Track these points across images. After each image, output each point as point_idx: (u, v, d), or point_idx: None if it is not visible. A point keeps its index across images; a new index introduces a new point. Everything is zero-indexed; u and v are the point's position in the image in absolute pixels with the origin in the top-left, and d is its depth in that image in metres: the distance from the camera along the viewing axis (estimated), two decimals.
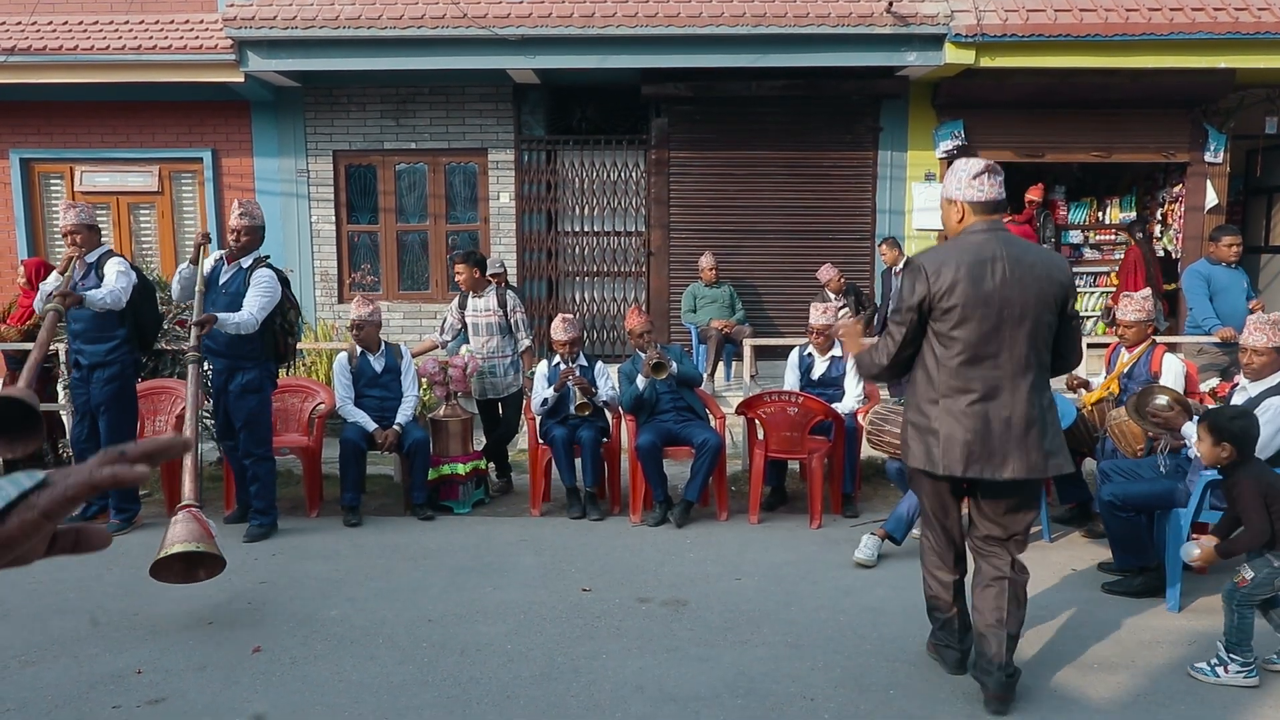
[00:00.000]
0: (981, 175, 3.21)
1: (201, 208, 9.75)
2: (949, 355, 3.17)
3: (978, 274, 3.11)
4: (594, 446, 5.68)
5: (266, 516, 5.38)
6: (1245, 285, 6.65)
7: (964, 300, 3.10)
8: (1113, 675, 3.53)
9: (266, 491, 5.39)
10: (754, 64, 8.39)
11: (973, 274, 3.11)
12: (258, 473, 5.35)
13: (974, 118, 9.12)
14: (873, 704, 3.31)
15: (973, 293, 3.10)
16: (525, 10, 8.25)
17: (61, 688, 3.46)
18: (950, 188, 3.28)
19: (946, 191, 3.31)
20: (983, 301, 3.10)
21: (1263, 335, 4.11)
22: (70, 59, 8.59)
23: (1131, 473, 4.53)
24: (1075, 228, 10.00)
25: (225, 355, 5.23)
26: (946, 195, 3.30)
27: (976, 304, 3.10)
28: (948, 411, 3.18)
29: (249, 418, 5.27)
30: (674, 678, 3.51)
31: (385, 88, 9.41)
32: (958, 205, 3.26)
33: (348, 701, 3.33)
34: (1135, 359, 5.16)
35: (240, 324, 5.02)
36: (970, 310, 3.10)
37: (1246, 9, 8.11)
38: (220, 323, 4.93)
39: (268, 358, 5.31)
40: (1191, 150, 9.16)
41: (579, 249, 9.75)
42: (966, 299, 3.10)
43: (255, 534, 5.30)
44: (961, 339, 3.14)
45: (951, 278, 3.11)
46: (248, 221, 5.23)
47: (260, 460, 5.35)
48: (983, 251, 3.13)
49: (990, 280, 3.11)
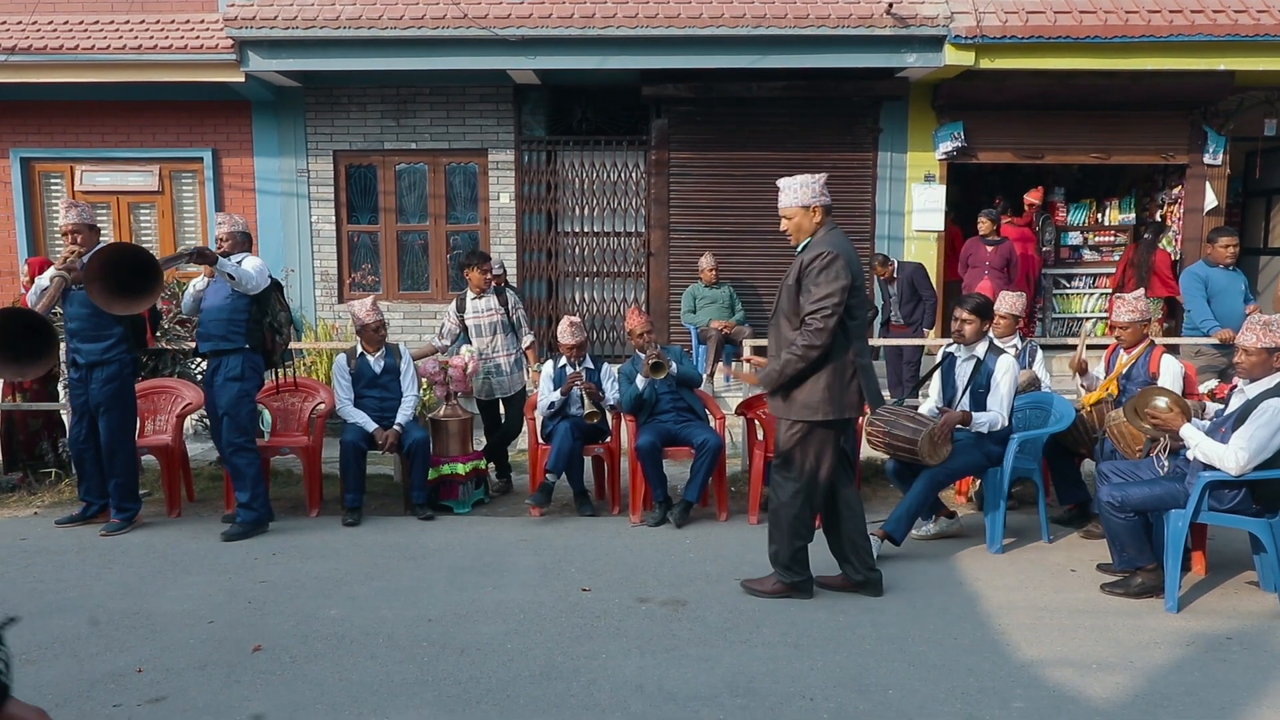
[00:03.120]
0: (824, 183, 4.17)
1: (202, 207, 9.75)
2: (855, 325, 4.09)
3: (855, 259, 4.10)
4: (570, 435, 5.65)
5: (249, 512, 5.32)
6: (1243, 287, 6.67)
7: (859, 281, 4.08)
8: (1111, 676, 3.54)
9: (247, 484, 5.34)
10: (754, 65, 8.40)
11: (854, 260, 4.08)
12: (236, 464, 5.34)
13: (973, 119, 9.13)
14: (871, 704, 3.31)
15: (858, 274, 4.07)
16: (526, 11, 8.26)
17: (62, 686, 3.47)
18: (806, 197, 4.11)
19: (802, 200, 4.11)
20: (861, 281, 4.10)
21: (1253, 335, 4.12)
22: (71, 58, 8.60)
23: (1130, 474, 4.53)
24: (1074, 229, 10.01)
25: (212, 339, 5.32)
26: (802, 203, 4.11)
27: (861, 283, 4.09)
28: (863, 370, 4.10)
29: (229, 406, 5.30)
30: (673, 677, 3.51)
31: (386, 88, 9.42)
32: (814, 210, 4.12)
33: (348, 700, 3.34)
34: (1133, 360, 5.17)
35: (239, 271, 5.14)
36: (860, 288, 4.09)
37: (1246, 11, 8.12)
38: (220, 266, 5.06)
39: (253, 348, 5.35)
40: (1191, 152, 9.17)
41: (579, 249, 9.76)
42: (859, 280, 4.08)
43: (233, 533, 5.26)
44: (859, 313, 4.11)
45: (853, 265, 4.05)
46: (229, 228, 5.43)
47: (239, 450, 5.33)
48: (846, 243, 4.12)
49: (857, 262, 4.12)
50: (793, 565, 4.27)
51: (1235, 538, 4.66)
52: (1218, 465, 4.05)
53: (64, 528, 5.50)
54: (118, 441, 5.36)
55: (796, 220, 4.15)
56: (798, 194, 4.12)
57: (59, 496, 6.12)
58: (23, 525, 5.63)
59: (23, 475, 6.32)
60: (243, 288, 5.22)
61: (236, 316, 5.29)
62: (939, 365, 5.35)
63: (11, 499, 6.12)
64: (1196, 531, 4.56)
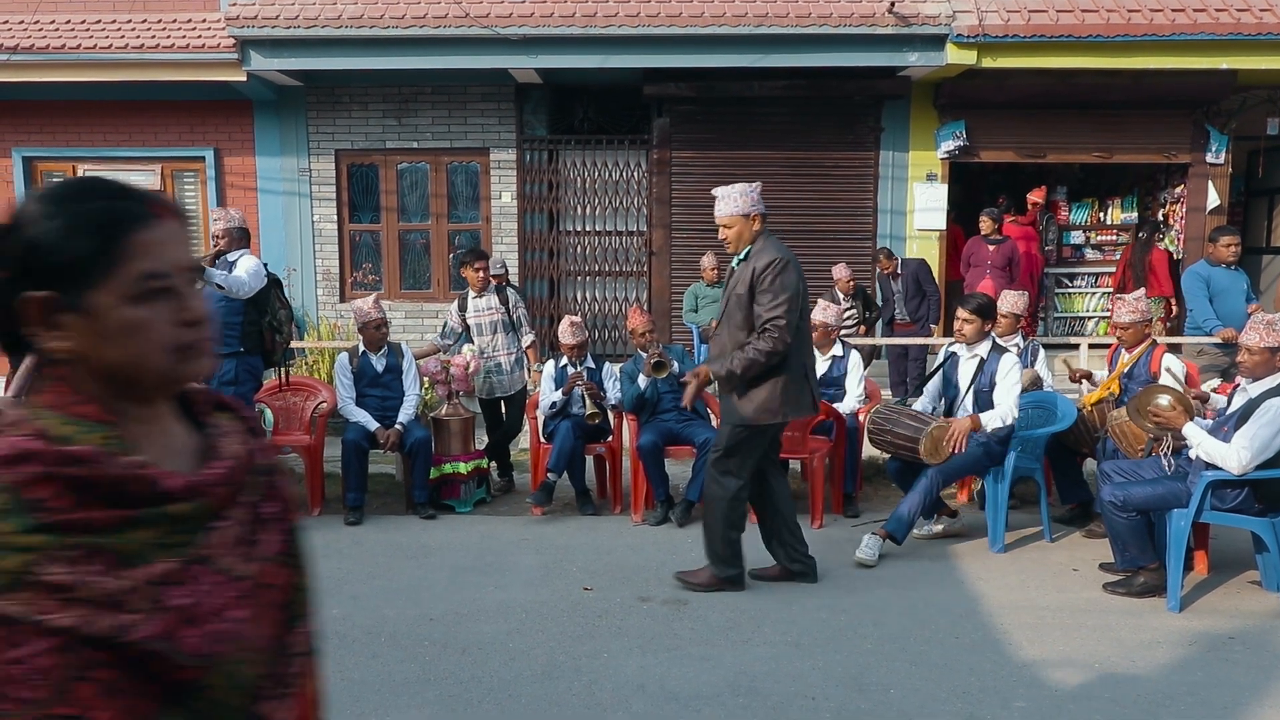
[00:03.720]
0: (759, 191, 4.24)
1: (204, 207, 9.75)
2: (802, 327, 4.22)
3: (799, 266, 4.22)
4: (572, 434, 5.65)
5: None
6: (1245, 286, 6.65)
7: (805, 287, 4.21)
8: (1113, 675, 3.53)
9: None
10: (756, 64, 8.40)
11: (799, 267, 4.21)
12: None
13: (975, 118, 9.12)
14: (873, 703, 3.31)
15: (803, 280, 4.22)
16: (527, 10, 8.25)
17: None
18: (746, 205, 4.18)
19: (742, 209, 4.17)
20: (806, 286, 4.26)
21: (1256, 334, 4.12)
22: (73, 58, 8.60)
23: (1133, 473, 4.53)
24: (1077, 228, 10.01)
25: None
26: (743, 212, 4.17)
27: (806, 289, 4.25)
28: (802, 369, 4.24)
29: None
30: (675, 676, 3.51)
31: (387, 87, 9.41)
32: (754, 218, 4.20)
33: (349, 700, 3.34)
34: (1135, 359, 5.17)
35: (228, 279, 5.12)
36: (806, 294, 4.24)
37: (1248, 10, 8.10)
38: (208, 276, 5.05)
39: (248, 351, 5.34)
40: (1193, 151, 9.15)
41: (581, 249, 9.75)
42: (805, 284, 4.21)
43: None
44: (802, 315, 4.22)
45: (800, 272, 4.18)
46: (224, 224, 5.41)
47: None
48: (788, 249, 4.24)
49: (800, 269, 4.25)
50: (728, 558, 4.36)
51: (1237, 537, 4.65)
52: (1220, 464, 4.05)
53: None
54: None
55: (737, 229, 4.22)
56: (737, 203, 4.20)
57: None
58: None
59: None
60: (235, 295, 5.19)
61: (230, 319, 5.26)
62: (941, 364, 5.35)
63: None
64: (1199, 531, 4.55)
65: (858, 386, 5.85)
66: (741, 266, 4.24)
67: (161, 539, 0.94)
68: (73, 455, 0.91)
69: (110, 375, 0.98)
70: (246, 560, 1.02)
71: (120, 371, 0.97)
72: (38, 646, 0.86)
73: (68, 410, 0.96)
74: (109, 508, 0.91)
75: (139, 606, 0.90)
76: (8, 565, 0.86)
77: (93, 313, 0.95)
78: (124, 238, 0.96)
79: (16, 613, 0.86)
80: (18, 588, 0.86)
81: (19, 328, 0.97)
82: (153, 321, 0.97)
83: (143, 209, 0.99)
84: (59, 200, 0.97)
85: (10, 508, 0.87)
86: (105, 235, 0.96)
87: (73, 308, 0.95)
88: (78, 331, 0.96)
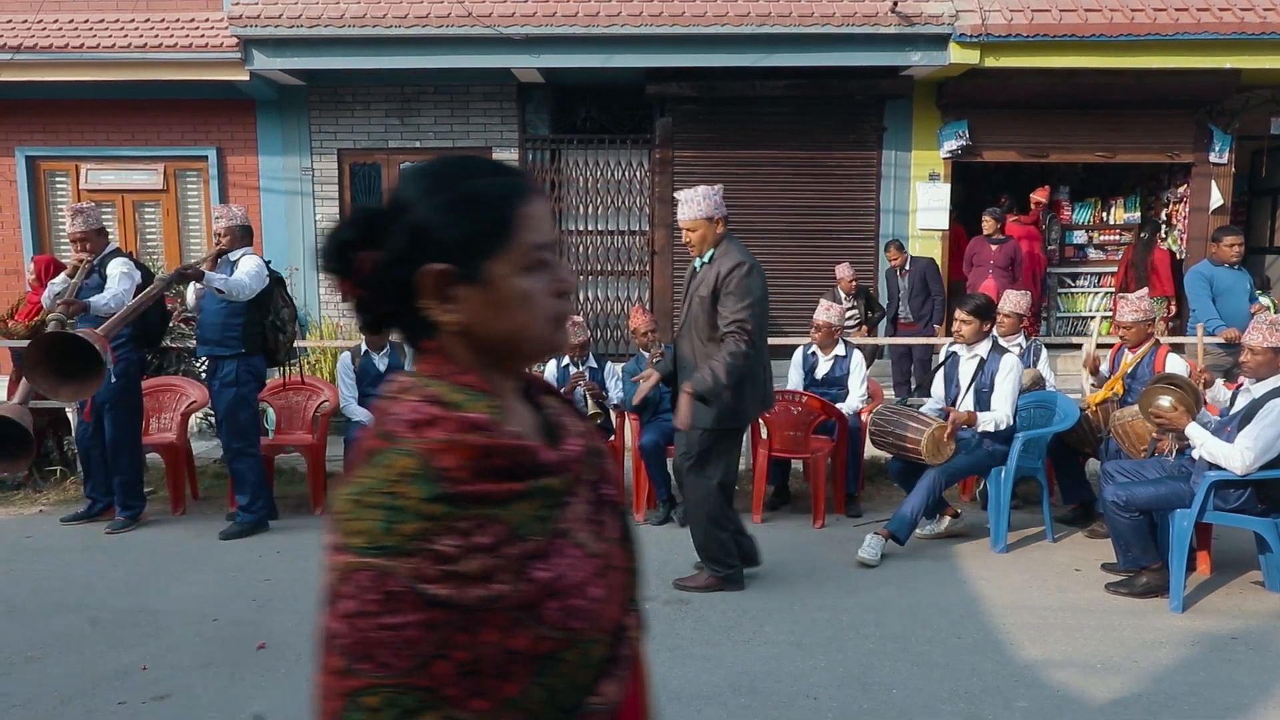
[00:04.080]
0: (722, 194, 4.25)
1: (206, 206, 9.75)
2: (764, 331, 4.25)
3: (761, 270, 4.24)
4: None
5: (248, 514, 5.36)
6: (1248, 286, 6.64)
7: (767, 292, 4.25)
8: (1116, 676, 3.53)
9: (248, 489, 5.37)
10: (758, 64, 8.39)
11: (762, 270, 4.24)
12: (238, 469, 5.37)
13: (978, 118, 9.10)
14: (875, 703, 3.31)
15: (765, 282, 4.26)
16: (530, 9, 8.26)
17: (67, 684, 3.48)
18: (710, 209, 4.18)
19: (706, 212, 4.17)
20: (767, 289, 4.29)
21: (1259, 334, 4.11)
22: (76, 57, 8.60)
23: (1135, 473, 4.52)
24: (1079, 228, 10.00)
25: (209, 343, 5.32)
26: (707, 215, 4.17)
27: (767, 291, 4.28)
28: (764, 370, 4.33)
29: (225, 412, 5.32)
30: (677, 676, 3.51)
31: (390, 86, 9.42)
32: (718, 221, 4.21)
33: None
34: (1138, 359, 5.16)
35: (229, 283, 5.10)
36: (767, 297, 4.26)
37: (1252, 9, 8.09)
38: (208, 280, 5.06)
39: (249, 352, 5.32)
40: (1196, 151, 9.13)
41: (583, 248, 9.75)
42: (767, 290, 4.26)
43: (231, 532, 5.29)
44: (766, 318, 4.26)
45: (763, 274, 4.23)
46: (227, 222, 5.39)
47: (239, 455, 5.35)
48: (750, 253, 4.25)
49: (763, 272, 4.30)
50: (722, 557, 4.36)
51: (1240, 537, 4.64)
52: (1224, 464, 4.05)
53: (69, 525, 5.51)
54: (123, 439, 5.37)
55: (701, 232, 4.23)
56: (701, 206, 4.20)
57: (64, 494, 6.14)
58: (28, 523, 5.65)
59: (28, 473, 6.34)
60: (236, 298, 5.17)
61: (232, 321, 5.24)
62: (942, 364, 5.35)
63: (17, 496, 6.13)
64: (1201, 531, 4.55)
65: (860, 386, 5.85)
66: (705, 269, 4.25)
67: (537, 512, 0.95)
68: (473, 421, 0.92)
69: (493, 346, 0.99)
70: (598, 539, 1.03)
71: (505, 341, 0.99)
72: (410, 617, 0.87)
73: (452, 379, 0.97)
74: (497, 480, 0.93)
75: (506, 579, 0.91)
76: (407, 529, 0.87)
77: (489, 283, 0.97)
78: (514, 211, 0.99)
79: (403, 579, 0.86)
80: (409, 554, 0.87)
81: (391, 306, 0.99)
82: (539, 291, 1.00)
83: (524, 184, 1.02)
84: (443, 179, 1.00)
85: (420, 473, 0.89)
86: (499, 209, 0.99)
87: (469, 279, 0.97)
88: (469, 303, 0.98)
